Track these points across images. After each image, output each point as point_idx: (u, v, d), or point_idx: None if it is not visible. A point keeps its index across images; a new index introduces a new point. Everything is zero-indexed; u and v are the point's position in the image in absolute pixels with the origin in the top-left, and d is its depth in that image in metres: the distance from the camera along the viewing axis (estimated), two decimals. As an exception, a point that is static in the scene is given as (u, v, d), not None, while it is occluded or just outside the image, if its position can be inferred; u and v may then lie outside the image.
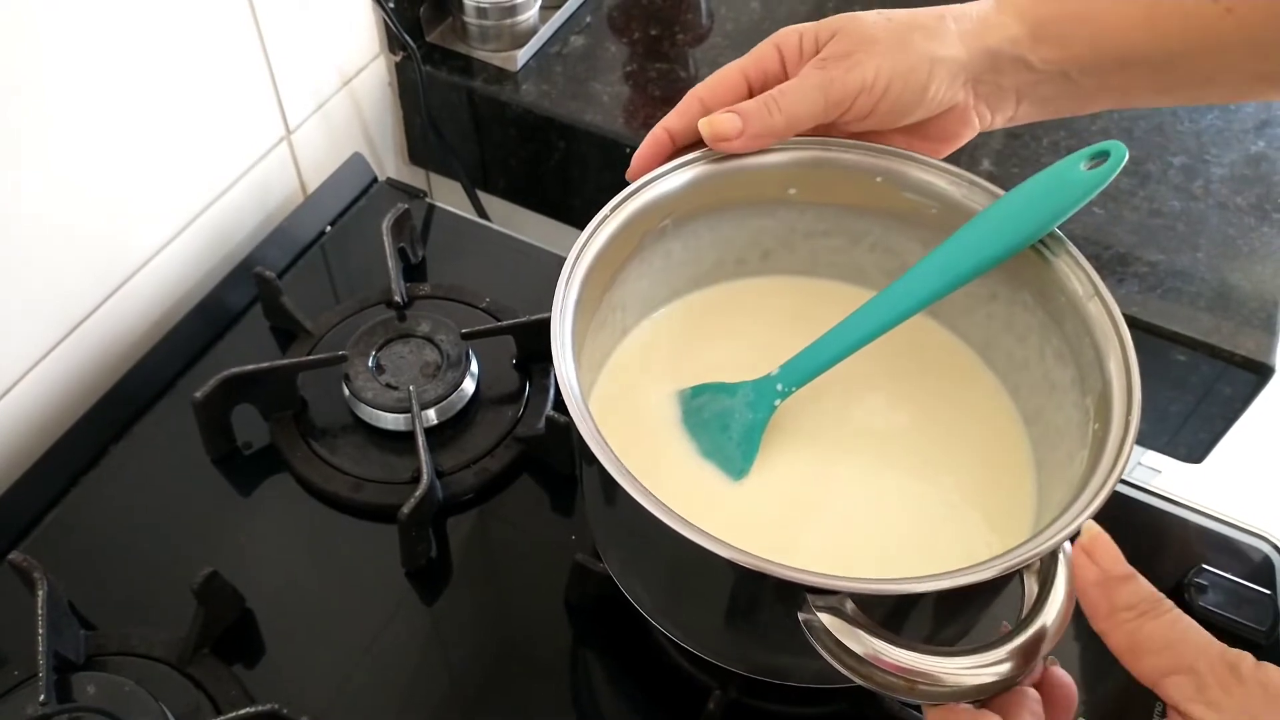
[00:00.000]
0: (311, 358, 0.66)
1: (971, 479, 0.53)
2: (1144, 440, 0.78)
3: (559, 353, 0.46)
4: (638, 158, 0.53)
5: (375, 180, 0.83)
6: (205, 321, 0.72)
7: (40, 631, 0.52)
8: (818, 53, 0.51)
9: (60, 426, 0.65)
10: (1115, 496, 0.65)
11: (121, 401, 0.67)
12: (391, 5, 0.79)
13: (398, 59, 0.86)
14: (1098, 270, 0.47)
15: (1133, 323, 0.69)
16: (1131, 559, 0.66)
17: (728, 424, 0.53)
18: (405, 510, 0.58)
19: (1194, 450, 0.76)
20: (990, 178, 0.76)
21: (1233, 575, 0.57)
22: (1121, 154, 0.47)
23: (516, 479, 0.65)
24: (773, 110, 0.50)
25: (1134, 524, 0.65)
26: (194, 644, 0.55)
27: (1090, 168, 0.47)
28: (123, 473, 0.65)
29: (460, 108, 0.85)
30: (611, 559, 0.54)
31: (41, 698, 0.51)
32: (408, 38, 0.81)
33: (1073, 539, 0.40)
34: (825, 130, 0.53)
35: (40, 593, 0.54)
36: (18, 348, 0.63)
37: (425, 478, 0.60)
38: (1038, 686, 0.42)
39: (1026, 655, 0.39)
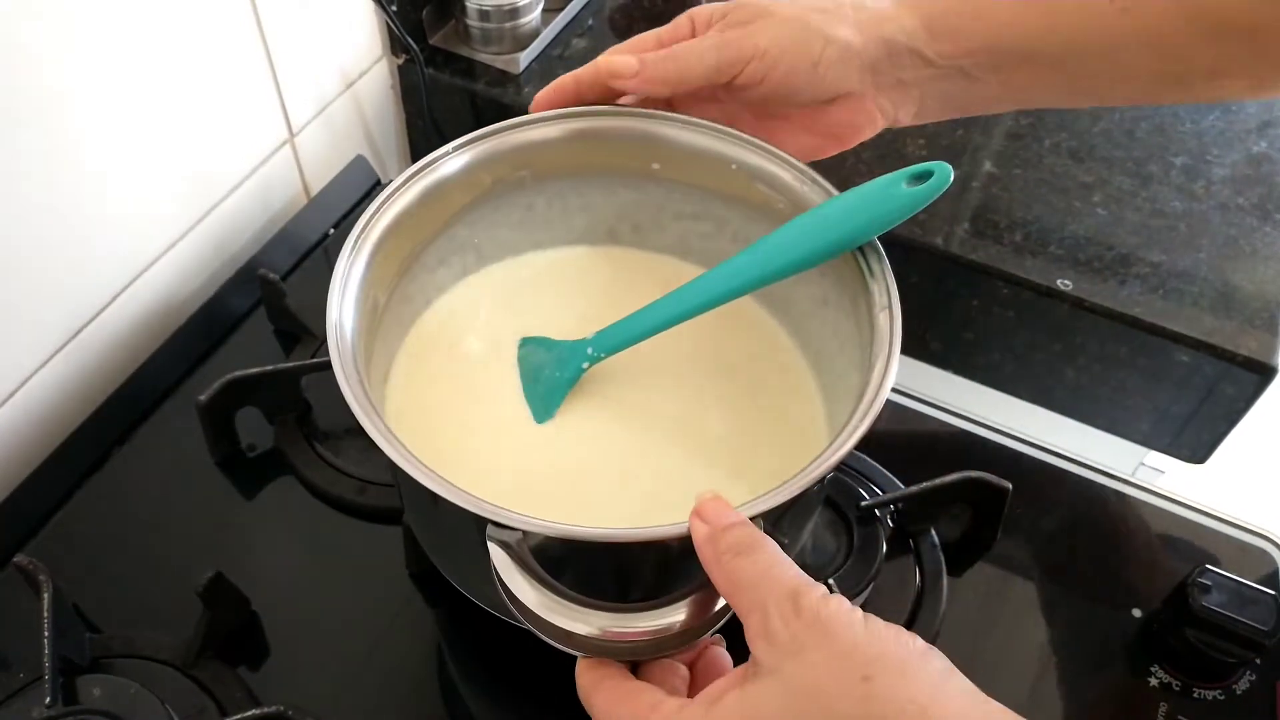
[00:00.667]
0: (315, 360, 0.66)
1: (770, 463, 0.53)
2: (1147, 440, 0.78)
3: (338, 277, 0.48)
4: (536, 100, 0.55)
5: (378, 183, 0.83)
6: (209, 324, 0.72)
7: (45, 634, 0.53)
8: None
9: (65, 430, 0.65)
10: (1118, 496, 0.66)
11: (126, 404, 0.67)
12: (394, 8, 0.80)
13: (400, 62, 0.86)
14: (1099, 271, 0.47)
15: (1135, 323, 0.70)
16: (1135, 559, 0.66)
17: (538, 378, 0.55)
18: (409, 512, 0.58)
19: (1197, 451, 0.76)
20: (991, 179, 0.77)
21: (1236, 575, 0.57)
22: (945, 176, 0.46)
23: (520, 481, 0.65)
24: (667, 59, 0.52)
25: (1137, 524, 0.65)
26: (199, 646, 0.56)
27: (913, 186, 0.47)
28: (127, 475, 0.65)
29: (463, 110, 0.85)
30: (411, 522, 0.56)
31: (47, 700, 0.51)
32: (410, 40, 0.81)
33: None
34: (729, 100, 0.54)
35: (45, 595, 0.54)
36: (22, 351, 0.63)
37: (429, 480, 0.60)
38: (692, 666, 0.42)
39: (700, 608, 0.39)
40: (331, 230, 0.79)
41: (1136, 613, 0.60)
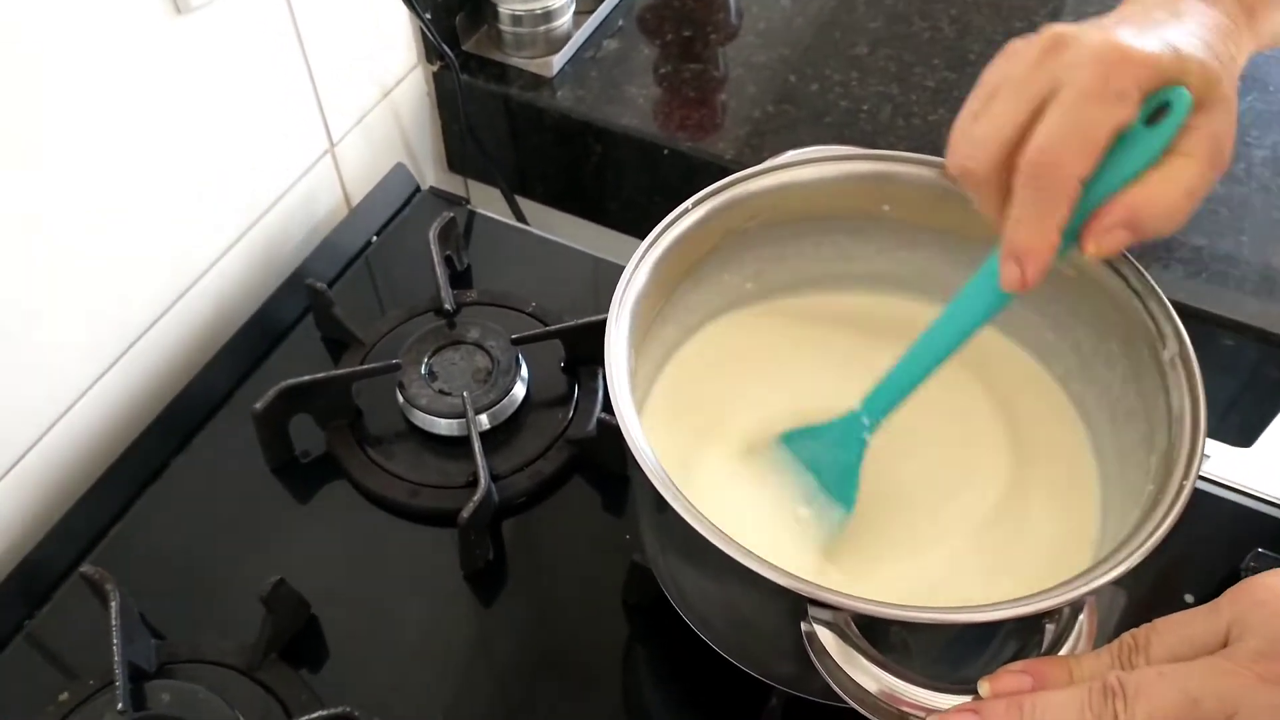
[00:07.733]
0: (367, 366, 0.67)
1: (1046, 520, 0.52)
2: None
3: (614, 369, 0.46)
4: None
5: (418, 190, 0.84)
6: (259, 334, 0.73)
7: (115, 641, 0.54)
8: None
9: (123, 441, 0.67)
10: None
11: (181, 415, 0.68)
12: (429, 16, 0.80)
13: (435, 69, 0.87)
14: (1140, 256, 0.47)
15: (1179, 308, 0.69)
16: (1186, 546, 0.65)
17: (821, 467, 0.52)
18: (465, 514, 0.59)
19: (1244, 434, 0.76)
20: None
21: (1289, 559, 0.57)
22: None
23: (569, 481, 0.66)
24: None
25: (1186, 510, 0.65)
26: (263, 650, 0.57)
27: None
28: (185, 484, 0.66)
29: (498, 115, 0.86)
30: (656, 562, 0.55)
31: (119, 706, 0.52)
32: (445, 47, 0.82)
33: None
34: None
35: (113, 604, 0.55)
36: (78, 365, 0.65)
37: (483, 481, 0.61)
38: None
39: None
40: (374, 238, 0.80)
41: (1189, 598, 0.60)
